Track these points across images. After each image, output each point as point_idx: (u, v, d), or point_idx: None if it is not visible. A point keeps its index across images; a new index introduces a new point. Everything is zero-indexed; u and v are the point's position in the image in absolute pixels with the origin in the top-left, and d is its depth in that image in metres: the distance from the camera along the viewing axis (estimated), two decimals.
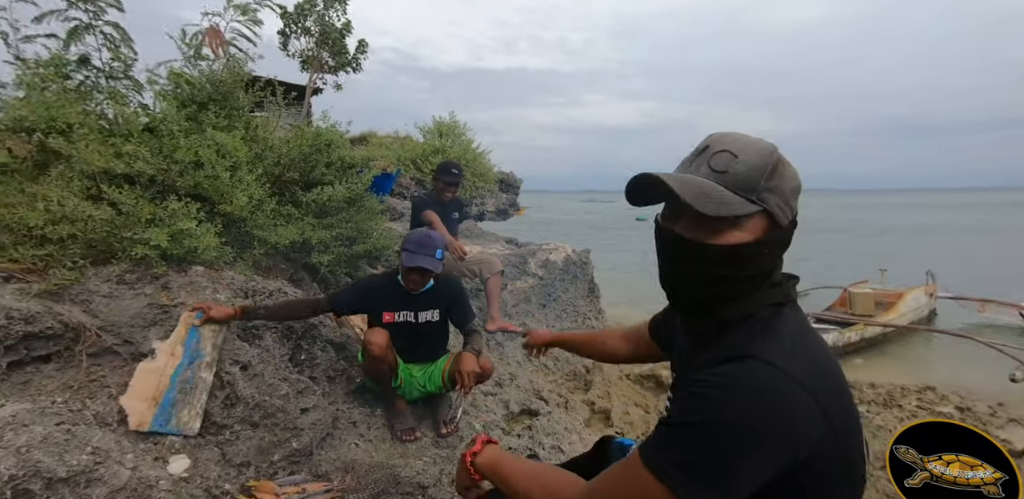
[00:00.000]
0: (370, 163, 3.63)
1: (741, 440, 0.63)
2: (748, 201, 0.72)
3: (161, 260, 2.10)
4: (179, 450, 1.61)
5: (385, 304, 2.17)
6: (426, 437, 2.19)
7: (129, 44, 3.45)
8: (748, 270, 0.75)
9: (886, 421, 3.29)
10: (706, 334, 0.82)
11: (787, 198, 0.75)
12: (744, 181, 0.72)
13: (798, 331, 0.76)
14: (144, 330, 1.88)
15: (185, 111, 2.88)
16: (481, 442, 1.01)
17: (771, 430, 0.64)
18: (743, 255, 0.74)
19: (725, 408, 0.65)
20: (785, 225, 0.76)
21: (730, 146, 0.75)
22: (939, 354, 6.57)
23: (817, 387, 0.67)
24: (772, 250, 0.76)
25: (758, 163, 0.73)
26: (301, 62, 10.67)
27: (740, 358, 0.69)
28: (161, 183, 2.41)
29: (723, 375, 0.68)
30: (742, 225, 0.73)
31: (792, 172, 0.77)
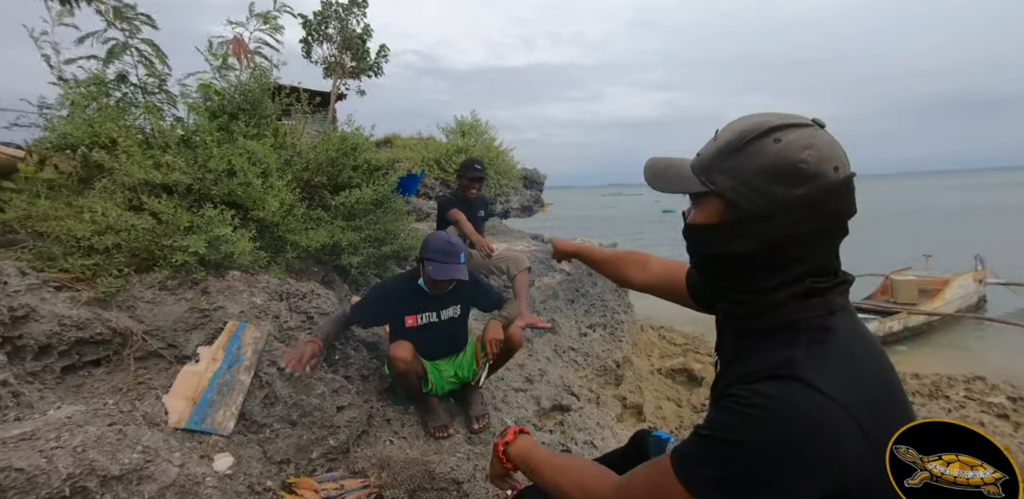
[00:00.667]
0: (395, 165, 3.68)
1: (778, 465, 0.61)
2: (699, 181, 0.72)
3: (200, 266, 2.18)
4: (223, 448, 1.67)
5: (406, 309, 2.17)
6: (459, 433, 2.21)
7: (163, 60, 3.59)
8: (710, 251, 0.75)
9: (932, 412, 3.15)
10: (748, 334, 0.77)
11: (750, 181, 0.67)
12: (703, 161, 0.72)
13: (850, 344, 0.69)
14: (186, 334, 1.96)
15: (217, 121, 2.99)
16: (513, 432, 1.01)
17: (810, 458, 0.60)
18: (701, 236, 0.75)
19: (762, 431, 0.62)
20: (753, 212, 0.68)
21: (724, 128, 0.73)
22: (989, 343, 6.25)
23: (867, 414, 0.62)
24: (733, 239, 0.70)
25: (727, 141, 0.70)
26: (324, 69, 10.90)
27: (782, 377, 0.65)
28: (197, 192, 2.50)
29: (763, 395, 0.64)
30: (700, 205, 0.74)
31: (776, 152, 0.66)
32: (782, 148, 0.66)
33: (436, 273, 2.04)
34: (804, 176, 0.65)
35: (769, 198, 0.67)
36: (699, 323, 4.46)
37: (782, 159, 0.65)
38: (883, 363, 0.71)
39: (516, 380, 2.81)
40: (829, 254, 0.72)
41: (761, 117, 0.70)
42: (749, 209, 0.68)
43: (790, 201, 0.66)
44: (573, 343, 3.43)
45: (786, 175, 0.66)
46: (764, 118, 0.69)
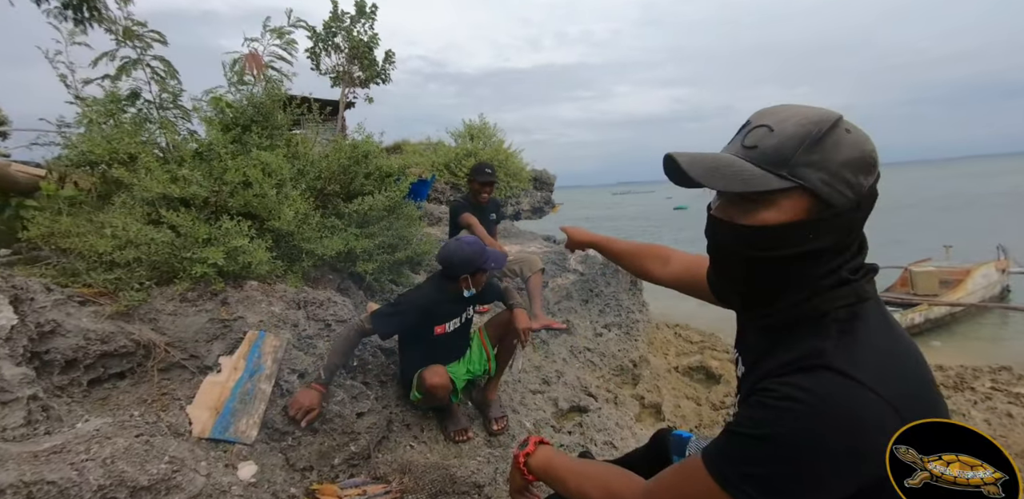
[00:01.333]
0: (406, 171, 3.71)
1: (815, 458, 0.60)
2: (777, 177, 0.65)
3: (219, 277, 2.22)
4: (247, 457, 1.69)
5: (437, 318, 2.16)
6: (478, 436, 2.22)
7: (175, 75, 3.66)
8: (786, 252, 0.67)
9: (957, 405, 3.09)
10: (775, 328, 0.75)
11: (840, 173, 0.65)
12: (774, 155, 0.65)
13: (880, 333, 0.69)
14: (208, 344, 1.99)
15: (231, 134, 3.04)
16: (534, 443, 1.00)
17: (848, 449, 0.60)
18: (779, 236, 0.67)
19: (798, 423, 0.61)
20: (841, 204, 0.66)
21: (769, 119, 0.68)
22: (1014, 332, 6.11)
23: (903, 401, 0.62)
24: (823, 233, 0.67)
25: (795, 134, 0.65)
26: (332, 78, 11.01)
27: (814, 368, 0.64)
28: (214, 204, 2.55)
29: (795, 387, 0.63)
30: (776, 203, 0.66)
31: (853, 142, 0.66)
32: (856, 138, 0.67)
33: (497, 262, 2.14)
34: (874, 165, 0.67)
35: (857, 189, 0.66)
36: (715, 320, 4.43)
37: (859, 149, 0.66)
38: (913, 350, 0.70)
39: (533, 382, 2.81)
40: (864, 243, 0.73)
41: (808, 107, 0.69)
42: (841, 202, 0.66)
43: (868, 191, 0.67)
44: (589, 343, 3.42)
45: (866, 165, 0.66)
46: (819, 109, 0.69)
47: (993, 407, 3.11)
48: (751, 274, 0.74)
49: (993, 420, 2.94)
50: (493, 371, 2.32)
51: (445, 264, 2.12)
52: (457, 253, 2.10)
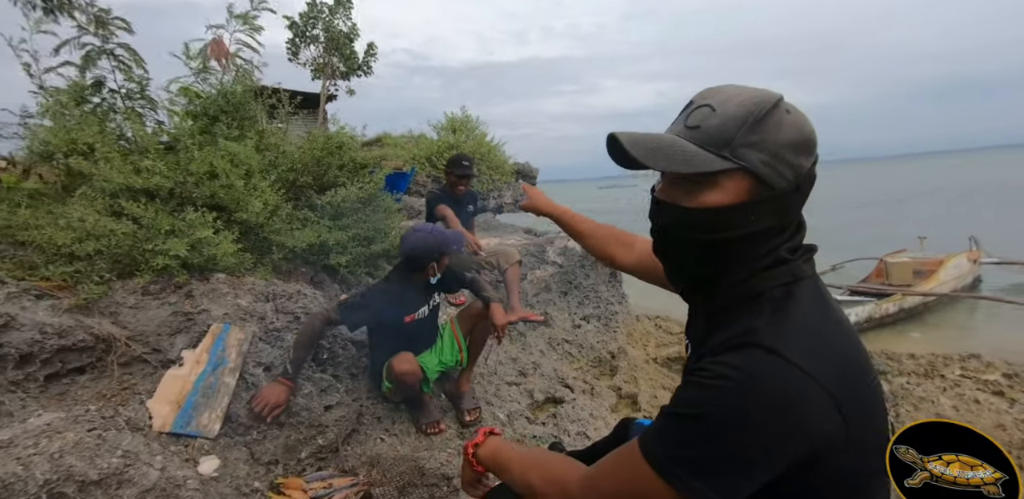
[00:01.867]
0: (381, 162, 3.67)
1: (743, 436, 0.59)
2: (719, 157, 0.64)
3: (182, 269, 2.17)
4: (209, 451, 1.66)
5: (406, 308, 2.14)
6: (450, 429, 2.21)
7: (141, 65, 3.57)
8: (729, 234, 0.67)
9: (928, 392, 3.14)
10: (713, 313, 0.76)
11: (780, 154, 0.65)
12: (716, 135, 0.65)
13: (814, 312, 0.68)
14: (171, 338, 1.95)
15: (198, 124, 2.98)
16: (484, 433, 0.99)
17: (776, 427, 0.59)
18: (721, 218, 0.67)
19: (727, 402, 0.60)
20: (783, 186, 0.66)
21: (712, 99, 0.68)
22: (984, 321, 6.27)
23: (831, 378, 0.61)
24: (764, 215, 0.67)
25: (736, 114, 0.65)
26: (312, 70, 10.85)
27: (744, 346, 0.63)
28: (179, 195, 2.49)
29: (726, 365, 0.62)
30: (718, 185, 0.66)
31: (793, 123, 0.66)
32: (796, 119, 0.67)
33: (458, 244, 2.18)
34: (814, 146, 0.68)
35: (797, 171, 0.66)
36: None
37: (799, 130, 0.66)
38: (846, 329, 0.70)
39: (509, 374, 2.81)
40: (803, 223, 0.74)
41: (751, 88, 0.69)
42: (781, 184, 0.66)
43: (808, 171, 0.68)
44: (567, 335, 3.43)
45: (806, 146, 0.67)
46: (761, 90, 0.68)
47: (961, 394, 3.18)
48: (693, 256, 0.73)
49: (961, 406, 3.00)
50: (465, 362, 2.31)
51: (409, 256, 2.11)
52: (420, 244, 2.10)
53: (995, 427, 2.69)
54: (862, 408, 0.64)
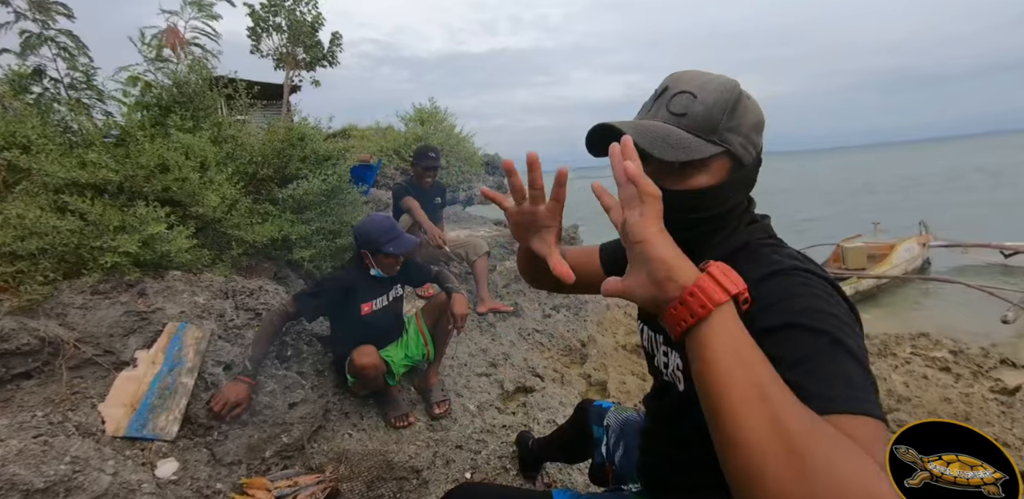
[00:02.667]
0: (345, 154, 3.59)
1: (856, 337, 0.60)
2: (709, 143, 0.69)
3: (134, 267, 2.08)
4: (167, 454, 1.61)
5: (361, 296, 2.12)
6: (420, 422, 2.20)
7: (85, 52, 3.38)
8: (713, 211, 0.73)
9: (881, 370, 3.29)
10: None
11: (749, 135, 0.72)
12: (704, 122, 0.69)
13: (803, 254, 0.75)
14: (123, 339, 1.87)
15: (149, 115, 2.85)
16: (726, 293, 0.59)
17: (856, 321, 0.64)
18: (709, 198, 0.72)
19: (826, 312, 0.61)
20: (749, 163, 0.73)
21: (688, 86, 0.72)
22: (932, 301, 6.60)
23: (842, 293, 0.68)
24: (738, 190, 0.74)
25: (717, 101, 0.70)
26: (275, 60, 10.50)
27: (782, 271, 0.67)
28: (129, 190, 2.38)
29: (784, 290, 0.64)
30: (707, 168, 0.71)
31: (753, 106, 0.74)
32: (754, 103, 0.74)
33: (398, 248, 2.05)
34: (764, 126, 0.75)
35: (758, 149, 0.74)
36: None
37: (758, 113, 0.74)
38: None
39: (480, 365, 2.81)
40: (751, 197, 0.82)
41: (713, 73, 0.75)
42: (749, 161, 0.73)
43: (761, 149, 0.75)
44: (537, 325, 3.44)
45: (762, 127, 0.74)
46: (722, 75, 0.74)
47: (911, 370, 3.33)
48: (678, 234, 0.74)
49: (911, 382, 3.14)
50: (432, 356, 2.29)
51: (355, 237, 2.13)
52: (361, 227, 2.10)
53: (941, 401, 2.83)
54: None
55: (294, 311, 1.97)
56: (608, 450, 1.25)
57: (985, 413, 2.66)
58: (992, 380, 3.29)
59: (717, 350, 0.51)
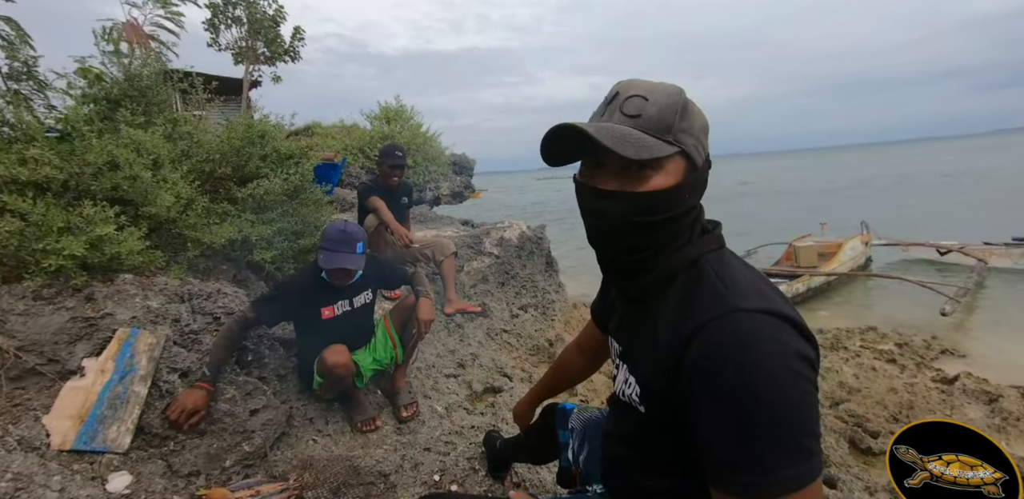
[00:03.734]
0: (308, 153, 3.50)
1: (798, 395, 0.61)
2: (666, 143, 0.71)
3: (81, 270, 1.98)
4: (119, 467, 1.54)
5: (320, 300, 2.06)
6: (387, 425, 2.17)
7: (26, 40, 3.19)
8: (671, 214, 0.74)
9: (833, 363, 3.45)
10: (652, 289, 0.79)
11: (699, 138, 0.75)
12: (659, 123, 0.71)
13: (749, 271, 0.76)
14: (69, 346, 1.77)
15: (96, 109, 2.70)
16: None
17: (805, 369, 0.62)
18: (667, 199, 0.72)
19: (765, 377, 0.61)
20: (701, 166, 0.75)
21: (639, 90, 0.73)
22: (877, 296, 7.01)
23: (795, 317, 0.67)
24: (693, 192, 0.76)
25: (668, 103, 0.72)
26: (234, 54, 10.13)
27: (722, 316, 0.66)
28: (75, 188, 2.26)
29: (722, 343, 0.65)
30: (663, 168, 0.72)
31: (699, 111, 0.76)
32: (699, 108, 0.77)
33: (324, 262, 1.92)
34: (709, 131, 0.78)
35: (706, 151, 0.77)
36: None
37: (704, 117, 0.77)
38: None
39: (448, 366, 2.79)
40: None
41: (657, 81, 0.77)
42: (701, 163, 0.75)
43: (708, 152, 0.77)
44: (505, 325, 3.44)
45: (708, 130, 0.77)
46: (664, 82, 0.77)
47: (861, 363, 3.50)
48: (638, 238, 0.76)
49: (860, 374, 3.30)
50: (401, 359, 2.26)
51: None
52: (326, 228, 2.03)
53: (888, 391, 2.98)
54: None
55: (253, 317, 1.91)
56: (573, 453, 1.26)
57: (928, 401, 2.82)
58: (934, 370, 3.50)
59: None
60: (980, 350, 4.26)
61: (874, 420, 2.59)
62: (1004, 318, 5.61)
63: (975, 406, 2.77)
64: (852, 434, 2.47)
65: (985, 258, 7.49)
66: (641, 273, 0.79)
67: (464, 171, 7.75)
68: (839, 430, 2.51)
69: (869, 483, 1.96)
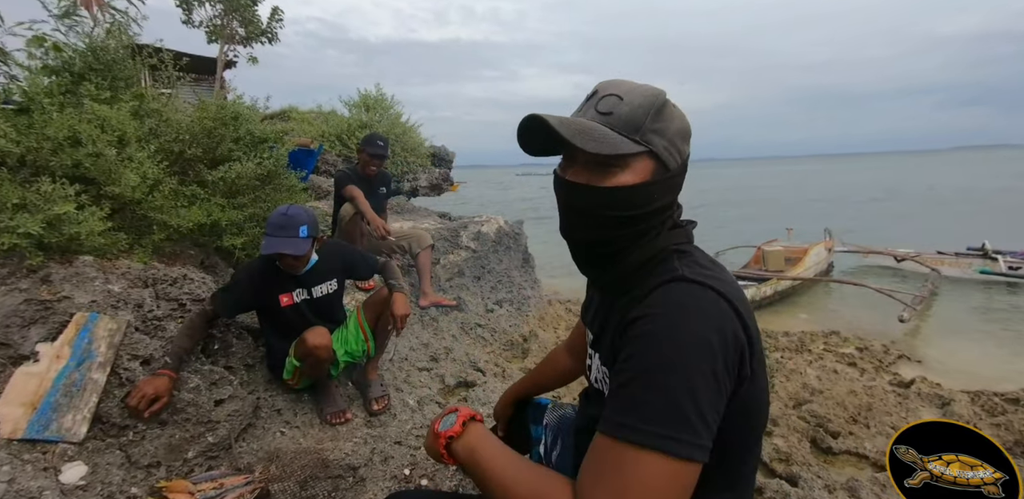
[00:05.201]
0: (284, 137, 3.40)
1: (699, 362, 0.61)
2: (632, 141, 0.71)
3: (36, 250, 1.87)
4: (73, 457, 1.47)
5: (277, 288, 1.99)
6: (357, 417, 2.13)
7: None
8: (638, 211, 0.74)
9: (797, 365, 3.56)
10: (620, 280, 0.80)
11: (674, 141, 0.75)
12: (628, 122, 0.72)
13: (713, 265, 0.78)
14: (22, 330, 1.68)
15: (57, 81, 2.56)
16: (462, 421, 0.80)
17: (721, 345, 0.63)
18: (631, 196, 0.73)
19: (674, 336, 0.62)
20: (674, 168, 0.76)
21: (617, 90, 0.75)
22: (839, 301, 7.31)
23: (741, 305, 0.68)
24: (662, 193, 0.76)
25: (642, 104, 0.73)
26: (208, 32, 9.77)
27: (667, 282, 0.70)
28: (32, 164, 2.14)
29: (656, 304, 0.67)
30: (629, 166, 0.73)
31: (679, 115, 0.77)
32: (680, 112, 0.77)
33: (264, 247, 1.86)
34: (690, 136, 0.78)
35: (683, 156, 0.77)
36: None
37: (685, 122, 0.77)
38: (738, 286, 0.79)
39: (421, 359, 2.76)
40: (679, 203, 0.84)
41: (641, 83, 0.77)
42: (674, 166, 0.75)
43: (687, 157, 0.78)
44: (480, 320, 3.43)
45: (688, 135, 0.77)
46: (649, 85, 0.77)
47: (824, 365, 3.63)
48: (606, 232, 0.78)
49: (823, 376, 3.42)
50: (373, 352, 2.22)
51: None
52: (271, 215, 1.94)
53: (849, 393, 3.09)
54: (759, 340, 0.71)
55: (211, 309, 1.86)
56: (546, 449, 1.26)
57: (885, 403, 2.94)
58: (891, 374, 3.64)
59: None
60: (934, 356, 4.47)
61: (835, 421, 2.67)
62: (956, 326, 5.90)
63: (929, 409, 2.90)
64: (814, 434, 2.55)
65: (938, 267, 7.87)
66: (609, 265, 0.81)
67: (443, 163, 7.66)
68: (801, 430, 2.59)
69: (829, 481, 2.02)
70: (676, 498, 0.59)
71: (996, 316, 6.37)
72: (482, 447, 0.77)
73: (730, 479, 0.77)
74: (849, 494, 1.97)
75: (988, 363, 4.51)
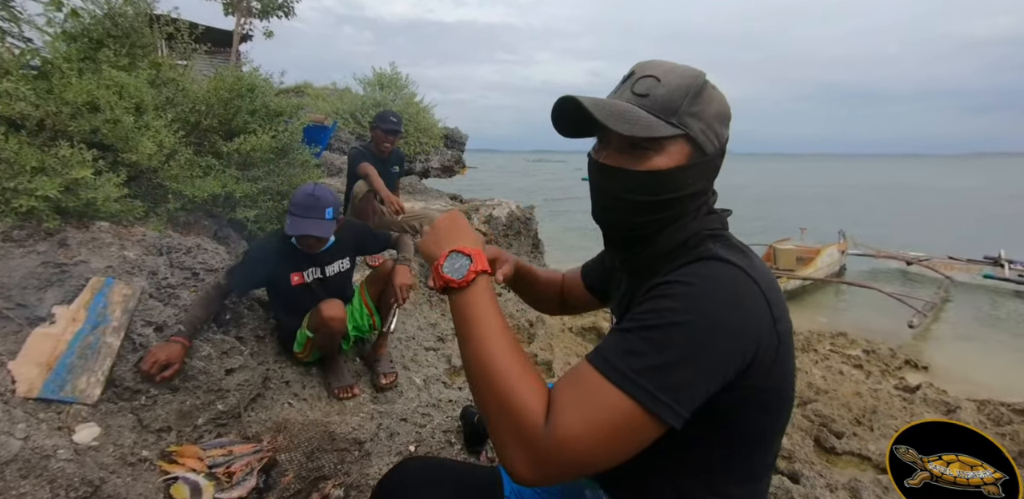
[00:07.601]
0: (299, 112, 3.37)
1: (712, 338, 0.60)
2: (668, 124, 0.69)
3: (54, 214, 1.88)
4: (87, 418, 1.49)
5: (290, 266, 2.00)
6: (364, 393, 2.15)
7: None
8: (671, 195, 0.73)
9: (802, 363, 3.54)
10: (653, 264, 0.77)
11: (712, 124, 0.73)
12: (665, 104, 0.70)
13: (746, 247, 0.76)
14: (39, 291, 1.69)
15: (76, 47, 2.54)
16: (474, 274, 0.70)
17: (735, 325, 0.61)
18: (666, 181, 0.72)
19: (695, 305, 0.61)
20: (711, 152, 0.73)
21: (654, 71, 0.73)
22: (849, 303, 7.24)
23: (772, 294, 0.67)
24: (698, 178, 0.74)
25: (680, 85, 0.71)
26: (224, 4, 9.68)
27: (701, 259, 0.69)
28: (52, 128, 2.14)
29: (687, 274, 0.66)
30: (664, 149, 0.71)
31: (719, 97, 0.74)
32: (720, 95, 0.75)
33: (291, 228, 1.86)
34: (730, 119, 0.76)
35: (721, 139, 0.75)
36: None
37: (724, 105, 0.75)
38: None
39: (428, 339, 2.77)
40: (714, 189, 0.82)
41: (681, 63, 0.75)
42: (711, 150, 0.73)
43: (726, 141, 0.76)
44: None
45: (727, 119, 0.75)
46: (687, 65, 0.75)
47: (830, 366, 3.61)
48: (637, 216, 0.76)
49: (828, 377, 3.41)
50: (379, 326, 2.23)
51: None
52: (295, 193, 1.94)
53: (853, 395, 3.08)
54: (788, 334, 0.69)
55: (226, 284, 1.87)
56: None
57: (890, 407, 2.93)
58: (897, 378, 3.63)
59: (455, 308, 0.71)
60: (942, 363, 4.43)
61: (839, 421, 2.67)
62: (965, 333, 5.85)
63: (934, 415, 2.88)
64: (817, 433, 2.55)
65: (949, 272, 7.80)
66: (641, 249, 0.79)
67: (455, 145, 7.61)
68: (805, 428, 2.59)
69: (831, 480, 2.02)
70: (635, 447, 0.60)
71: (1005, 325, 6.31)
72: (482, 314, 0.69)
73: (745, 469, 0.76)
74: (851, 494, 1.97)
75: (996, 372, 4.48)
